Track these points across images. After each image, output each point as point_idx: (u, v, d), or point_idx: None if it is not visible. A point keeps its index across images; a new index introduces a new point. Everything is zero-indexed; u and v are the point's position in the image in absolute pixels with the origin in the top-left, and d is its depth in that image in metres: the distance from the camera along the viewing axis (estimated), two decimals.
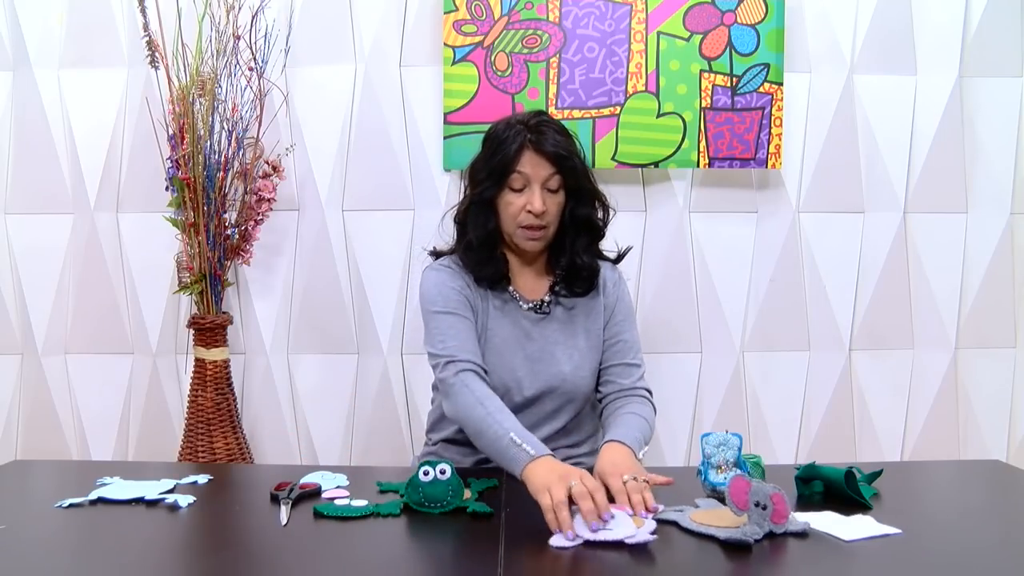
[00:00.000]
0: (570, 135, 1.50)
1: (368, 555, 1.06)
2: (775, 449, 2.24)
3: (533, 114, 1.50)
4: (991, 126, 2.24)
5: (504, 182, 1.46)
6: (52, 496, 1.22)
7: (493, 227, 1.50)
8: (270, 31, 2.02)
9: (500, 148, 1.46)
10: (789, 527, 1.09)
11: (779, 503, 1.08)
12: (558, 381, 1.49)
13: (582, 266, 1.52)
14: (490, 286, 1.52)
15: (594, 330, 1.54)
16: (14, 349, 2.25)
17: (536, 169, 1.45)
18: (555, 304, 1.54)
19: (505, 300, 1.53)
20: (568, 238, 1.53)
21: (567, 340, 1.52)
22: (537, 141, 1.44)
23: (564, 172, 1.46)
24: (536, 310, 1.53)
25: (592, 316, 1.54)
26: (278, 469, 1.76)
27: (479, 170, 1.51)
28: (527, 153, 1.45)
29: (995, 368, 2.29)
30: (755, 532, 1.06)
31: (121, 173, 2.19)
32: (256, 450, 2.19)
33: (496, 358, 1.49)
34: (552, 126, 1.48)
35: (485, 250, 1.50)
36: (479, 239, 1.50)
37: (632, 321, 1.58)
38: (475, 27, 2.10)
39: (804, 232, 2.23)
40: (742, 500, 1.08)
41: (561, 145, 1.46)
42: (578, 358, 1.51)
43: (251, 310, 2.22)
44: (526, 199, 1.45)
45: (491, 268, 1.51)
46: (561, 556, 1.06)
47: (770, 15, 2.11)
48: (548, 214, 1.47)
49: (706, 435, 1.24)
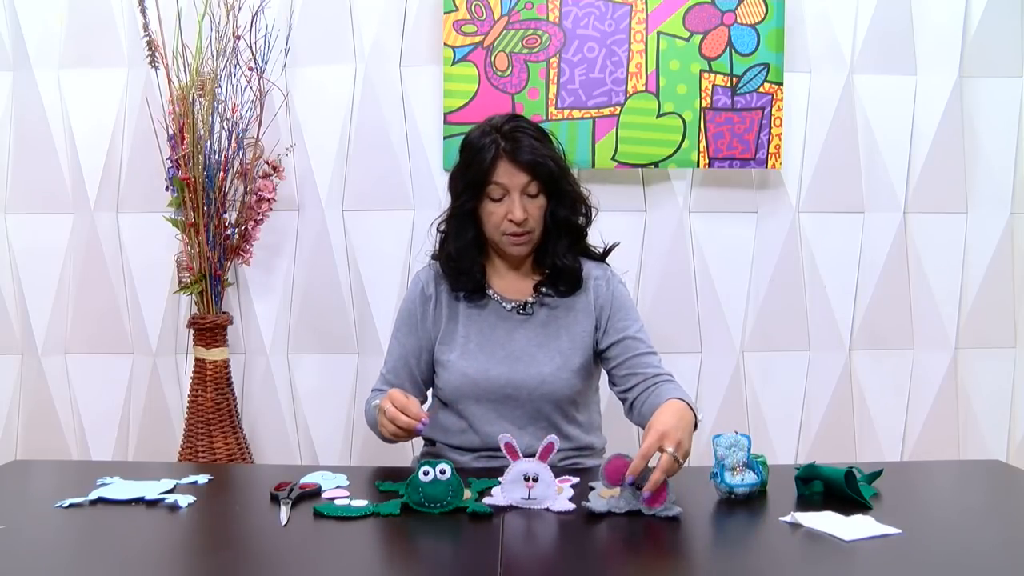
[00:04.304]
0: (547, 137, 1.51)
1: (368, 555, 1.06)
2: (775, 449, 2.24)
3: (507, 119, 1.50)
4: (991, 126, 2.24)
5: (482, 193, 1.47)
6: (52, 496, 1.22)
7: (472, 237, 1.53)
8: (270, 31, 2.02)
9: (475, 159, 1.47)
10: (660, 512, 1.13)
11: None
12: (537, 382, 1.49)
13: (564, 267, 1.53)
14: (468, 296, 1.54)
15: (578, 331, 1.53)
16: (14, 349, 2.25)
17: (513, 178, 1.45)
18: (538, 305, 1.55)
19: (485, 303, 1.54)
20: (550, 240, 1.53)
21: (549, 342, 1.52)
22: (511, 150, 1.45)
23: (541, 178, 1.47)
24: (519, 311, 1.54)
25: (576, 316, 1.54)
26: (278, 469, 1.76)
27: (457, 182, 1.52)
28: (502, 163, 1.45)
29: (995, 368, 2.29)
30: (618, 506, 1.15)
31: (121, 173, 2.19)
32: (256, 450, 2.19)
33: (470, 360, 1.50)
34: (527, 131, 1.48)
35: (464, 261, 1.53)
36: (458, 250, 1.53)
37: (634, 315, 1.57)
38: (475, 27, 2.10)
39: (804, 232, 2.23)
40: (614, 477, 1.16)
41: (536, 151, 1.46)
42: (560, 360, 1.50)
43: (251, 310, 2.22)
44: (507, 208, 1.46)
45: (468, 280, 1.53)
46: (561, 556, 1.06)
47: (770, 15, 2.10)
48: (531, 220, 1.48)
49: (717, 437, 1.25)
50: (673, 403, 1.30)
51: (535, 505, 1.18)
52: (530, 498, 1.18)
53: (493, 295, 1.55)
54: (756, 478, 1.24)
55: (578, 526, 1.13)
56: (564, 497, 1.20)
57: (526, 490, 1.18)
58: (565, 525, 1.13)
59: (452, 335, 1.54)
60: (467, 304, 1.55)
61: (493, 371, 1.49)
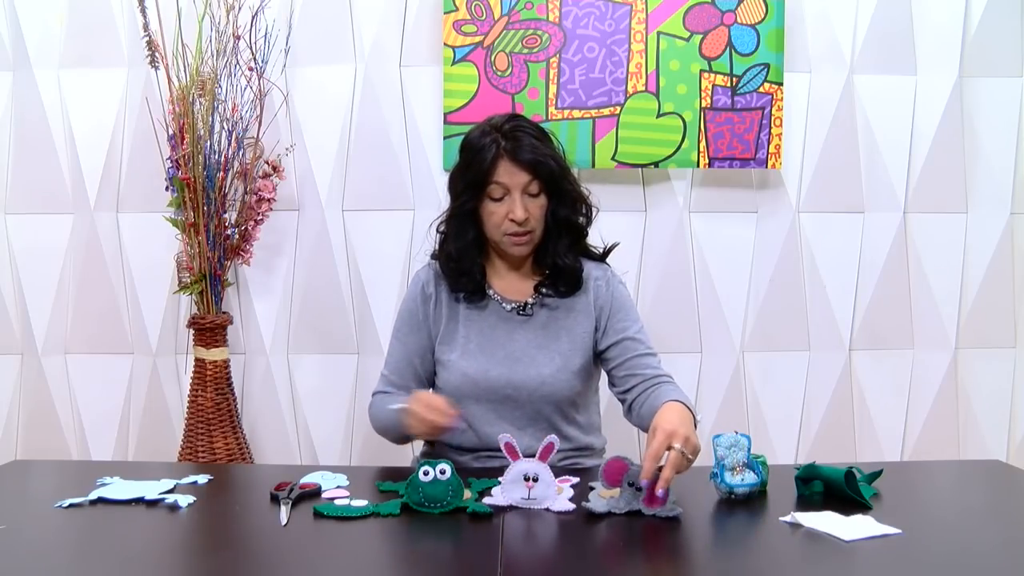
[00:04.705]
0: (547, 137, 1.51)
1: (368, 555, 1.06)
2: (775, 449, 2.24)
3: (507, 118, 1.50)
4: (991, 126, 2.24)
5: (483, 193, 1.47)
6: (52, 496, 1.22)
7: (472, 238, 1.52)
8: (270, 31, 2.02)
9: (475, 159, 1.47)
10: (660, 512, 1.14)
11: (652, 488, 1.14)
12: (537, 383, 1.49)
13: (564, 267, 1.52)
14: (468, 297, 1.54)
15: (578, 332, 1.53)
16: (14, 349, 2.25)
17: (513, 177, 1.45)
18: (539, 306, 1.54)
19: (485, 304, 1.54)
20: (551, 240, 1.53)
21: (549, 343, 1.52)
22: (512, 149, 1.44)
23: (542, 177, 1.46)
24: (519, 312, 1.54)
25: (576, 317, 1.54)
26: (278, 469, 1.76)
27: (457, 182, 1.52)
28: (503, 163, 1.45)
29: (995, 368, 2.29)
30: (618, 506, 1.15)
31: (121, 173, 2.19)
32: (256, 450, 2.19)
33: (470, 360, 1.50)
34: (528, 131, 1.48)
35: (464, 262, 1.52)
36: (458, 251, 1.52)
37: (634, 315, 1.56)
38: (475, 27, 2.10)
39: (804, 232, 2.23)
40: (613, 478, 1.17)
41: (537, 150, 1.45)
42: (560, 361, 1.51)
43: (251, 310, 2.22)
44: (507, 208, 1.46)
45: (468, 281, 1.53)
46: (561, 556, 1.06)
47: (770, 15, 2.10)
48: (531, 219, 1.47)
49: (717, 437, 1.25)
50: (673, 404, 1.31)
51: (535, 505, 1.18)
52: (530, 498, 1.18)
53: (493, 295, 1.55)
54: (756, 478, 1.24)
55: (578, 526, 1.13)
56: (564, 497, 1.20)
57: (526, 490, 1.18)
58: (565, 525, 1.13)
59: (452, 335, 1.54)
60: (467, 305, 1.55)
61: (493, 371, 1.49)
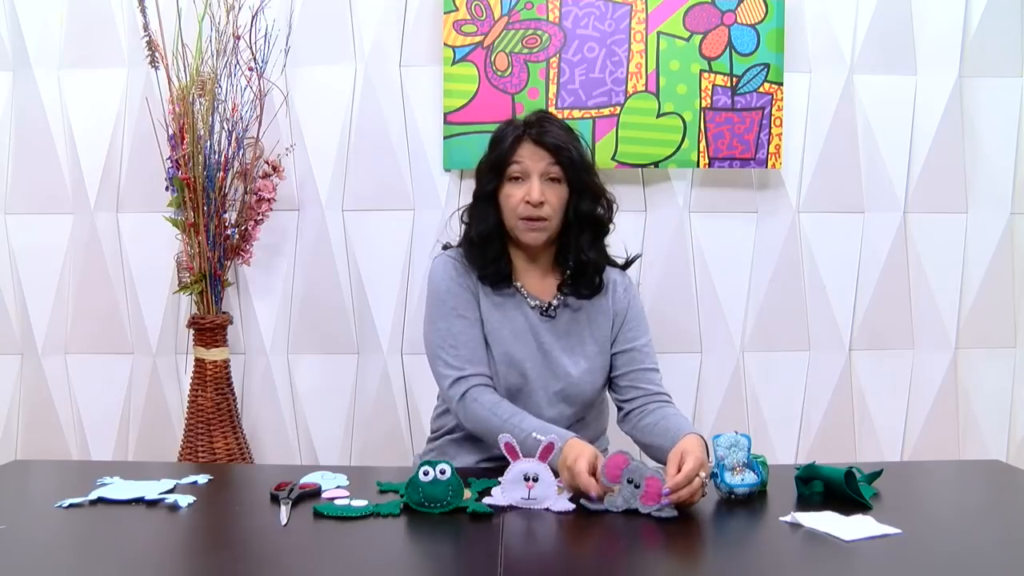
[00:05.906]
0: (573, 132, 1.52)
1: (368, 555, 1.06)
2: (775, 449, 2.24)
3: (536, 112, 1.53)
4: (991, 126, 2.24)
5: (503, 174, 1.48)
6: (52, 496, 1.22)
7: (494, 222, 1.51)
8: (270, 31, 2.02)
9: (499, 143, 1.49)
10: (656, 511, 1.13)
11: (652, 486, 1.14)
12: (563, 384, 1.50)
13: (587, 263, 1.52)
14: (493, 285, 1.52)
15: (600, 335, 1.54)
16: (14, 349, 2.25)
17: (534, 159, 1.46)
18: (562, 307, 1.54)
19: (511, 294, 1.53)
20: (573, 235, 1.53)
21: (574, 346, 1.52)
22: (536, 133, 1.47)
23: (563, 162, 1.46)
24: (543, 312, 1.53)
25: (598, 319, 1.54)
26: (278, 469, 1.76)
27: (483, 169, 1.54)
28: (525, 144, 1.47)
29: (995, 368, 2.29)
30: (615, 504, 1.15)
31: (121, 173, 2.19)
32: (256, 450, 2.19)
33: (505, 349, 1.49)
34: (554, 123, 1.50)
35: (487, 246, 1.51)
36: (480, 234, 1.52)
37: (644, 327, 1.58)
38: (475, 27, 2.10)
39: (804, 232, 2.23)
40: (613, 474, 1.17)
41: (560, 137, 1.47)
42: (585, 364, 1.51)
43: (251, 310, 2.22)
44: (525, 190, 1.46)
45: (493, 266, 1.51)
46: (561, 556, 1.06)
47: (770, 15, 2.10)
48: (548, 205, 1.46)
49: (717, 437, 1.25)
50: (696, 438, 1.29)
51: (535, 505, 1.18)
52: (530, 498, 1.18)
53: (520, 287, 1.54)
54: (756, 478, 1.24)
55: (578, 526, 1.13)
56: (564, 497, 1.20)
57: (526, 490, 1.18)
58: (565, 525, 1.13)
59: (488, 318, 1.52)
60: (494, 292, 1.53)
61: (528, 362, 1.50)
